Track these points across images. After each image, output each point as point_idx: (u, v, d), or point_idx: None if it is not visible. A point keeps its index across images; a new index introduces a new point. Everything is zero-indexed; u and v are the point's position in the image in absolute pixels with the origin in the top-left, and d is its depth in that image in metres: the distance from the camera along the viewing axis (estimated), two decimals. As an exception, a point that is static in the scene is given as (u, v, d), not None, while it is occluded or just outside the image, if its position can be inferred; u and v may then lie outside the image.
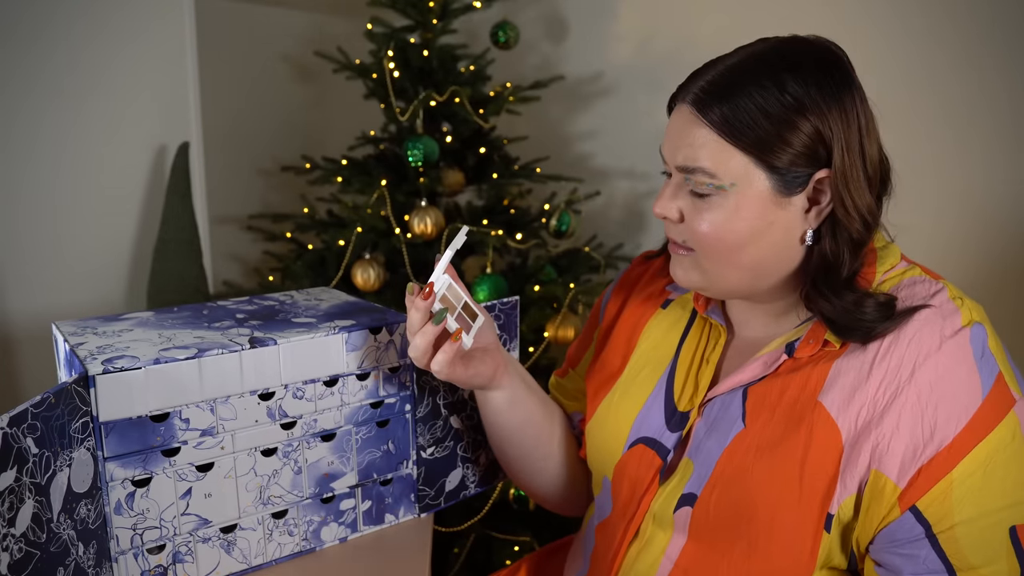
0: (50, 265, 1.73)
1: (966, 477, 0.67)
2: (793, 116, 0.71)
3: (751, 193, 0.73)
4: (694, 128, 0.74)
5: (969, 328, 0.71)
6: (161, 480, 0.78)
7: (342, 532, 0.91)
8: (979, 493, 0.67)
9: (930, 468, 0.68)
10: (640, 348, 0.91)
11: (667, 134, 0.79)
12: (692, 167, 0.74)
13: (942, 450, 0.67)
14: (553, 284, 1.70)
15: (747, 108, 0.71)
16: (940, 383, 0.69)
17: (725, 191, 0.73)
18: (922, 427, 0.68)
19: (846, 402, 0.71)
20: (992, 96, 1.50)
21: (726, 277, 0.77)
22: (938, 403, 0.68)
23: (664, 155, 0.79)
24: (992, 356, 0.70)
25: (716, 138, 0.73)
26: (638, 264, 1.00)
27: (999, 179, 1.51)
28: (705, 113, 0.73)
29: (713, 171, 0.73)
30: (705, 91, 0.74)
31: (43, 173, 1.70)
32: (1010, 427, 0.68)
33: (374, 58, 1.79)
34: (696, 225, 0.76)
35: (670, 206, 0.78)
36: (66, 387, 0.70)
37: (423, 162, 1.66)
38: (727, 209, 0.74)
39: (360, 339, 0.88)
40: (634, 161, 2.09)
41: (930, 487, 0.68)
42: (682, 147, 0.75)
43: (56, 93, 1.69)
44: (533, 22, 2.20)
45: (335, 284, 1.68)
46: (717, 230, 0.74)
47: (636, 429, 0.86)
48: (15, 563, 0.61)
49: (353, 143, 1.93)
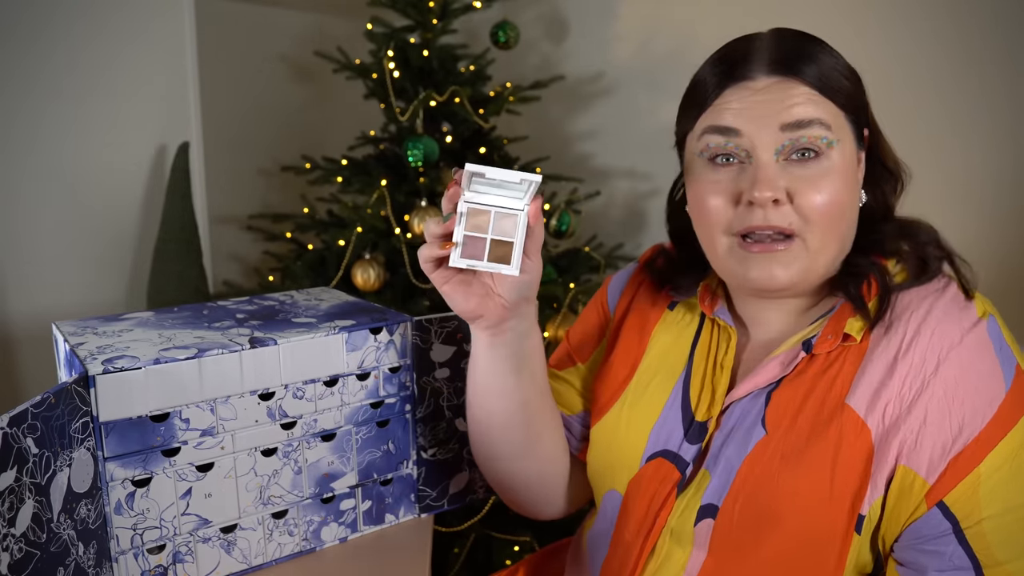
0: (50, 265, 1.73)
1: (993, 471, 0.66)
2: (848, 69, 0.75)
3: (847, 150, 0.74)
4: (791, 88, 0.72)
5: (985, 320, 0.71)
6: (161, 480, 0.78)
7: (342, 532, 0.91)
8: (1006, 487, 0.66)
9: (958, 463, 0.67)
10: (649, 354, 0.87)
11: (738, 109, 0.73)
12: (809, 119, 0.71)
13: (969, 444, 0.67)
14: (553, 284, 1.70)
15: (828, 64, 0.73)
16: (964, 376, 0.68)
17: (833, 148, 0.72)
18: (950, 422, 0.68)
19: (873, 400, 0.70)
20: (993, 92, 1.50)
21: (828, 254, 0.74)
22: (964, 397, 0.68)
23: (741, 126, 0.73)
24: (1009, 348, 0.70)
25: (816, 94, 0.72)
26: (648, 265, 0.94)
27: (1004, 180, 1.51)
28: (799, 72, 0.72)
29: (829, 121, 0.72)
30: (785, 55, 0.73)
31: (43, 173, 1.70)
32: None
33: (374, 58, 1.79)
34: (812, 197, 0.71)
35: (780, 183, 0.72)
36: (66, 387, 0.70)
37: (423, 162, 1.66)
38: (835, 171, 0.72)
39: (360, 339, 0.88)
40: (634, 161, 2.09)
41: (958, 482, 0.67)
42: (787, 107, 0.72)
43: (56, 93, 1.69)
44: (533, 22, 2.20)
45: (335, 284, 1.68)
46: (835, 196, 0.72)
47: (653, 442, 0.81)
48: (15, 563, 0.61)
49: (353, 143, 1.93)
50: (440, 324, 0.94)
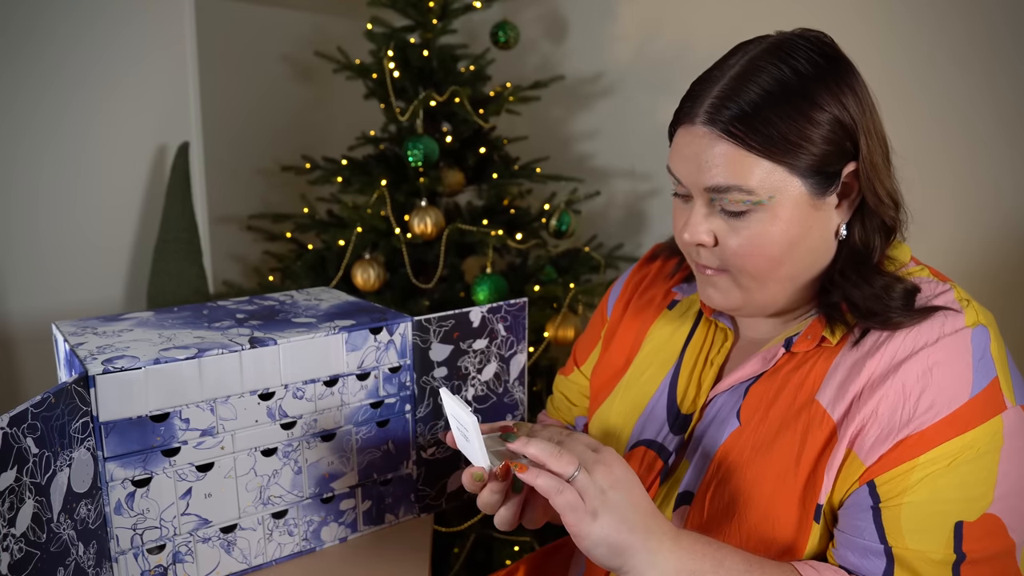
0: (50, 265, 1.73)
1: (930, 464, 0.66)
2: (813, 112, 0.69)
3: (788, 202, 0.71)
4: (715, 146, 0.70)
5: (972, 329, 0.70)
6: (161, 480, 0.78)
7: (342, 532, 0.91)
8: (936, 482, 0.66)
9: (897, 450, 0.67)
10: (645, 349, 0.91)
11: (680, 156, 0.74)
12: (725, 186, 0.70)
13: (913, 435, 0.67)
14: (553, 284, 1.70)
15: (765, 115, 0.68)
16: (928, 374, 0.68)
17: (764, 205, 0.70)
18: (901, 413, 0.68)
19: (839, 394, 0.71)
20: (997, 94, 1.50)
21: (768, 292, 0.75)
22: (922, 392, 0.68)
23: (680, 177, 0.75)
24: (992, 360, 0.69)
25: (743, 152, 0.69)
26: (646, 262, 0.99)
27: (1008, 183, 1.51)
28: (725, 129, 0.69)
29: (749, 187, 0.70)
30: (716, 107, 0.70)
31: (43, 173, 1.70)
32: (992, 430, 0.67)
33: (374, 58, 1.79)
34: (735, 246, 0.73)
35: (701, 231, 0.74)
36: (66, 387, 0.70)
37: (423, 162, 1.66)
38: (766, 223, 0.71)
39: (360, 339, 0.88)
40: (634, 161, 2.09)
41: (893, 467, 0.67)
42: (707, 168, 0.71)
43: (56, 93, 1.69)
44: (533, 22, 2.20)
45: (335, 284, 1.68)
46: (760, 247, 0.72)
47: (638, 431, 0.85)
48: (15, 563, 0.61)
49: (353, 143, 1.93)
50: (439, 323, 0.94)
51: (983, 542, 0.65)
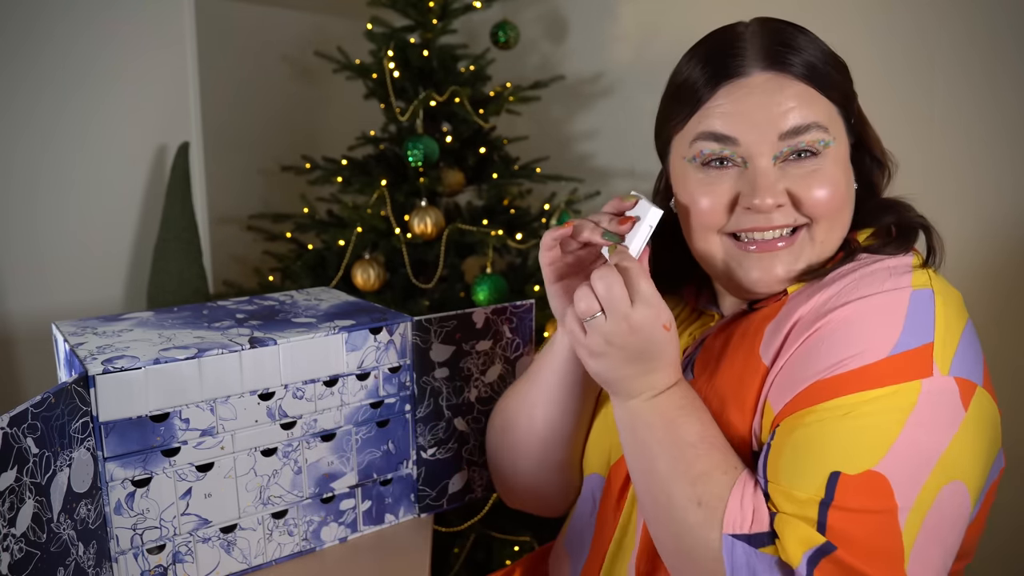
0: (50, 265, 1.73)
1: (825, 411, 0.64)
2: (842, 63, 0.75)
3: (843, 145, 0.74)
4: (786, 88, 0.71)
5: (915, 290, 0.67)
6: (161, 480, 0.78)
7: (342, 532, 0.91)
8: (826, 426, 0.63)
9: (803, 395, 0.65)
10: None
11: (736, 111, 0.71)
12: (806, 125, 0.71)
13: (819, 381, 0.65)
14: (553, 284, 1.70)
15: (818, 58, 0.72)
16: (848, 323, 0.66)
17: (831, 147, 0.72)
18: (815, 359, 0.66)
19: (770, 343, 0.71)
20: (998, 95, 1.50)
21: (834, 242, 0.75)
22: (839, 341, 0.65)
23: (739, 133, 0.72)
24: (932, 326, 0.65)
25: (813, 91, 0.72)
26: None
27: (1008, 184, 1.51)
28: (795, 71, 0.71)
29: (826, 123, 0.72)
30: (779, 52, 0.71)
31: (43, 173, 1.70)
32: (906, 395, 0.63)
33: (374, 58, 1.79)
34: (816, 195, 0.71)
35: (779, 189, 0.72)
36: (66, 387, 0.70)
37: (423, 162, 1.66)
38: (833, 166, 0.72)
39: (360, 339, 0.88)
40: (634, 161, 2.09)
41: (794, 412, 0.65)
42: (781, 111, 0.70)
43: (55, 93, 1.69)
44: (533, 22, 2.20)
45: (335, 284, 1.67)
46: (835, 187, 0.72)
47: None
48: (15, 563, 0.61)
49: (353, 143, 1.93)
50: (440, 324, 0.94)
51: (860, 498, 0.61)
